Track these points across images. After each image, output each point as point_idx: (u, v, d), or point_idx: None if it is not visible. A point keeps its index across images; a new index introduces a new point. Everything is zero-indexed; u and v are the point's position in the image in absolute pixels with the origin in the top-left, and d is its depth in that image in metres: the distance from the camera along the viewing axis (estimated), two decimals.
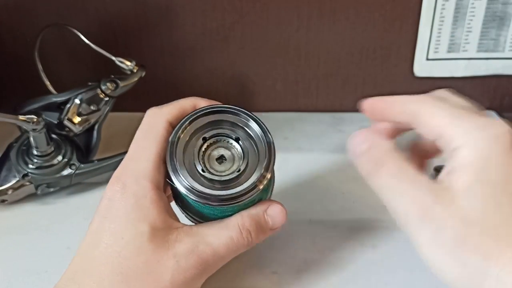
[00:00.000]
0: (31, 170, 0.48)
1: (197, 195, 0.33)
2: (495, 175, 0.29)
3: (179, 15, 0.60)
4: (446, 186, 0.30)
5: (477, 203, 0.29)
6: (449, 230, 0.29)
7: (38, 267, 0.42)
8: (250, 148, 0.36)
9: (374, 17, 0.61)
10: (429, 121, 0.32)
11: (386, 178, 0.32)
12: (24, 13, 0.59)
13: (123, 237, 0.32)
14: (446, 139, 0.31)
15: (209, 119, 0.36)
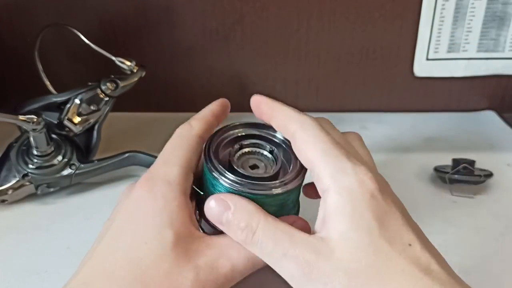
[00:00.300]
0: (31, 170, 0.48)
1: (236, 178, 0.33)
2: (367, 221, 0.29)
3: (179, 15, 0.60)
4: (323, 237, 0.29)
5: (357, 253, 0.28)
6: (336, 285, 0.28)
7: (38, 267, 0.42)
8: (282, 156, 0.36)
9: (374, 17, 0.61)
10: (302, 150, 0.32)
11: (263, 243, 0.30)
12: (24, 13, 0.59)
13: (146, 242, 0.31)
14: (316, 176, 0.31)
15: (244, 132, 0.38)
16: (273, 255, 0.30)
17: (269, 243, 0.30)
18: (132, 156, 0.51)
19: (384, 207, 0.30)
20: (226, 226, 0.32)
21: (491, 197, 0.50)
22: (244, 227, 0.31)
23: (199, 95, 0.66)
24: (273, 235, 0.30)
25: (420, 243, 0.29)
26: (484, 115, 0.66)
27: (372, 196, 0.29)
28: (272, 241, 0.30)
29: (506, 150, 0.59)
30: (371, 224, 0.29)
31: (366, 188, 0.30)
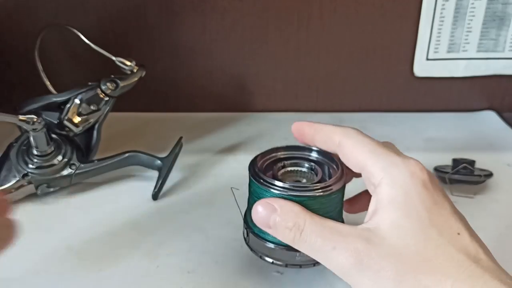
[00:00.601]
0: (31, 170, 0.48)
1: (284, 184, 0.34)
2: (419, 210, 0.30)
3: (179, 15, 0.60)
4: (374, 227, 0.30)
5: (408, 239, 0.29)
6: (387, 271, 0.29)
7: (38, 267, 0.42)
8: (321, 171, 0.38)
9: (374, 17, 0.61)
10: (351, 154, 0.34)
11: (312, 239, 0.31)
12: (24, 13, 0.59)
13: None
14: (367, 174, 0.33)
15: (284, 154, 0.39)
16: (322, 250, 0.31)
17: (317, 239, 0.31)
18: (132, 156, 0.51)
19: (435, 197, 0.31)
20: (274, 228, 0.33)
21: (491, 197, 0.50)
22: (292, 226, 0.32)
23: (199, 95, 0.66)
24: (321, 231, 0.31)
25: (468, 233, 0.30)
26: (484, 115, 0.66)
27: (424, 186, 0.31)
28: (321, 236, 0.31)
29: (506, 150, 0.59)
30: (421, 213, 0.30)
31: (418, 179, 0.31)
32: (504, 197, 0.50)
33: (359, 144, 0.34)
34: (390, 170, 0.32)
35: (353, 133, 0.35)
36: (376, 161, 0.32)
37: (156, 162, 0.50)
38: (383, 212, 0.31)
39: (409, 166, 0.32)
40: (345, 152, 0.35)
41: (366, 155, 0.33)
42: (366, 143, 0.34)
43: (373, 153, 0.33)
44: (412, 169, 0.31)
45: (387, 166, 0.32)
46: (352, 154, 0.34)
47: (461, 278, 0.28)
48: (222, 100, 0.66)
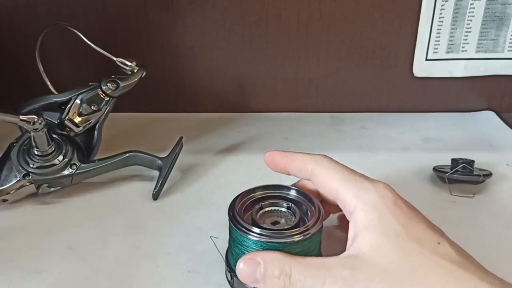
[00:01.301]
0: (32, 170, 0.48)
1: (262, 231, 0.35)
2: (395, 227, 0.31)
3: (179, 15, 0.60)
4: (356, 253, 0.31)
5: (390, 255, 0.30)
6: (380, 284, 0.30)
7: (38, 267, 0.42)
8: (299, 210, 0.39)
9: (374, 17, 0.61)
10: (325, 183, 0.36)
11: (301, 281, 0.32)
12: (25, 13, 0.59)
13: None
14: (341, 202, 0.35)
15: (262, 194, 0.40)
16: (315, 285, 0.31)
17: (307, 279, 0.32)
18: (133, 156, 0.51)
19: (408, 213, 0.32)
20: (262, 281, 0.33)
21: (490, 197, 0.50)
22: (279, 274, 0.32)
23: (199, 95, 0.66)
24: (308, 271, 0.32)
25: (448, 242, 0.32)
26: (483, 115, 0.67)
27: (395, 205, 0.33)
28: (309, 276, 0.32)
29: (505, 150, 0.59)
30: (398, 229, 0.31)
31: (388, 199, 0.33)
32: (503, 197, 0.51)
33: (331, 171, 0.36)
34: (362, 196, 0.33)
35: (325, 161, 0.37)
36: (348, 189, 0.34)
37: (157, 162, 0.51)
38: (361, 236, 0.32)
39: (379, 189, 0.33)
40: (318, 181, 0.36)
41: (339, 183, 0.35)
42: (337, 171, 0.36)
43: (345, 180, 0.35)
44: (382, 192, 0.33)
45: (358, 192, 0.34)
46: (326, 183, 0.36)
47: (449, 283, 0.29)
48: (222, 100, 0.66)
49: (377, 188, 0.34)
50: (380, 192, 0.33)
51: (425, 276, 0.29)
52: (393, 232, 0.31)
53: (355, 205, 0.33)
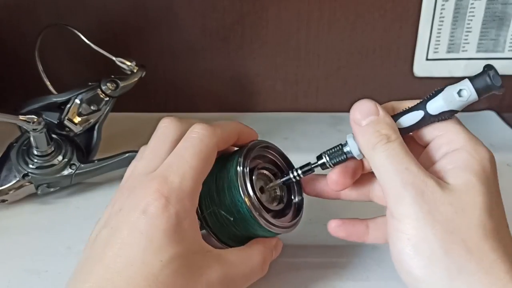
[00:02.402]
0: (31, 170, 0.48)
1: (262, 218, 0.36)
2: (491, 186, 0.33)
3: (179, 15, 0.60)
4: (446, 181, 0.32)
5: (476, 200, 0.31)
6: (442, 216, 0.31)
7: (38, 267, 0.42)
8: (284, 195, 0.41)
9: (374, 17, 0.61)
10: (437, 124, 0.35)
11: (391, 152, 0.33)
12: (24, 13, 0.59)
13: (161, 259, 0.31)
14: (442, 141, 0.35)
15: (260, 153, 0.40)
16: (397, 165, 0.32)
17: (398, 155, 0.33)
18: (132, 156, 0.51)
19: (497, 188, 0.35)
20: (365, 127, 0.34)
21: None
22: (384, 134, 0.33)
23: (199, 95, 0.66)
24: (404, 153, 0.33)
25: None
26: (483, 115, 0.66)
27: (495, 173, 0.35)
28: (401, 155, 0.33)
29: (505, 150, 0.59)
30: (493, 186, 0.34)
31: (494, 166, 0.35)
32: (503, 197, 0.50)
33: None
34: (476, 145, 0.34)
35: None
36: (462, 132, 0.35)
37: None
38: (459, 171, 0.33)
39: (490, 155, 0.35)
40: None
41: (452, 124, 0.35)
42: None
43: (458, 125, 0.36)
44: (491, 156, 0.35)
45: (473, 141, 0.35)
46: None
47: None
48: (222, 100, 0.66)
49: (489, 152, 0.35)
50: (492, 155, 0.35)
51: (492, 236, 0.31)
52: (491, 185, 0.33)
53: (465, 146, 0.34)
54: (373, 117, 0.34)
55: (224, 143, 0.37)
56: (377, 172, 0.34)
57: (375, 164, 0.34)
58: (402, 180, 0.32)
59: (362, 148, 0.35)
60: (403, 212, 0.32)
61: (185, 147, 0.34)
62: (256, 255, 0.37)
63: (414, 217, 0.31)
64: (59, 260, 0.42)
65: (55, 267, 0.41)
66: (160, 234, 0.31)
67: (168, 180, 0.32)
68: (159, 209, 0.31)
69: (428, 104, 0.35)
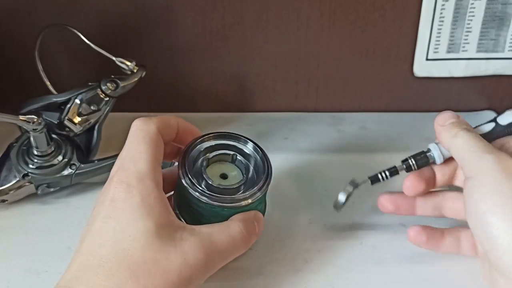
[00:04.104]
0: (31, 170, 0.48)
1: (209, 197, 0.38)
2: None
3: (179, 15, 0.60)
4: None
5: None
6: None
7: (38, 267, 0.42)
8: (249, 166, 0.42)
9: (374, 17, 0.61)
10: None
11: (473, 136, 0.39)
12: (24, 13, 0.59)
13: (130, 235, 0.33)
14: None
15: (214, 142, 0.42)
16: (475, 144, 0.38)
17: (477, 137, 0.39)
18: None
19: None
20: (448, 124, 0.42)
21: None
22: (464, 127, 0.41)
23: (199, 95, 0.66)
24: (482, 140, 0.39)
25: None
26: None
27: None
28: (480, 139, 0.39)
29: None
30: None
31: None
32: None
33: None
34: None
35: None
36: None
37: None
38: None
39: None
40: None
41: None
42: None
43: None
44: None
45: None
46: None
47: None
48: (222, 100, 0.66)
49: None
50: None
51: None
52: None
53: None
54: (455, 119, 0.42)
55: (165, 129, 0.39)
56: (458, 154, 0.39)
57: (457, 146, 0.39)
58: (483, 150, 0.37)
59: (444, 141, 0.41)
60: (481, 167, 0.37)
61: (130, 141, 0.38)
62: (233, 224, 0.38)
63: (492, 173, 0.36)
64: (59, 260, 0.42)
65: (55, 267, 0.42)
66: (127, 213, 0.34)
67: (124, 168, 0.36)
68: (123, 193, 0.34)
69: (499, 118, 0.43)
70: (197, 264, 0.34)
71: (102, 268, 0.32)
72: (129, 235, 0.33)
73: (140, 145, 0.37)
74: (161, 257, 0.33)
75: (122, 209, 0.34)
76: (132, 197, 0.34)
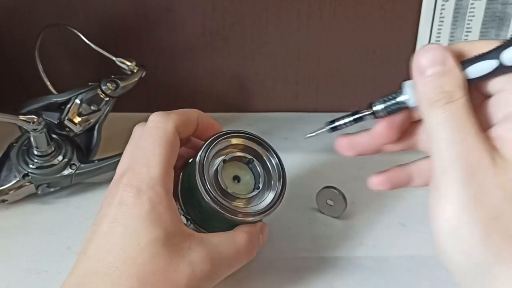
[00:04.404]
0: (31, 170, 0.48)
1: (222, 208, 0.36)
2: None
3: (179, 15, 0.60)
4: (503, 154, 0.28)
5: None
6: (489, 201, 0.27)
7: (38, 267, 0.42)
8: (263, 172, 0.40)
9: (374, 17, 0.61)
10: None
11: (449, 117, 0.28)
12: (24, 13, 0.59)
13: (139, 243, 0.32)
14: (507, 98, 0.29)
15: (229, 142, 0.40)
16: (451, 134, 0.28)
17: (456, 120, 0.28)
18: None
19: None
20: (428, 78, 0.29)
21: None
22: (447, 91, 0.28)
23: (199, 95, 0.66)
24: (465, 117, 0.28)
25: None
26: None
27: None
28: (461, 120, 0.28)
29: None
30: None
31: None
32: None
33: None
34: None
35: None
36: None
37: None
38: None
39: None
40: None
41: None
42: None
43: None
44: None
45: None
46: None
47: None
48: (222, 100, 0.66)
49: None
50: None
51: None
52: None
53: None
54: (439, 68, 0.29)
55: (184, 127, 0.38)
56: (429, 135, 0.29)
57: (430, 126, 0.29)
58: (454, 155, 0.28)
59: (420, 102, 0.30)
60: (447, 189, 0.28)
61: (145, 138, 0.36)
62: (240, 236, 0.37)
63: (458, 199, 0.27)
64: (59, 260, 0.42)
65: (55, 267, 0.42)
66: (136, 220, 0.33)
67: (136, 171, 0.34)
68: (132, 198, 0.33)
69: (504, 53, 0.29)
70: (204, 275, 0.34)
71: (109, 277, 0.31)
72: (138, 243, 0.32)
73: (155, 146, 0.35)
74: (170, 268, 0.32)
75: (131, 214, 0.33)
76: (141, 203, 0.33)
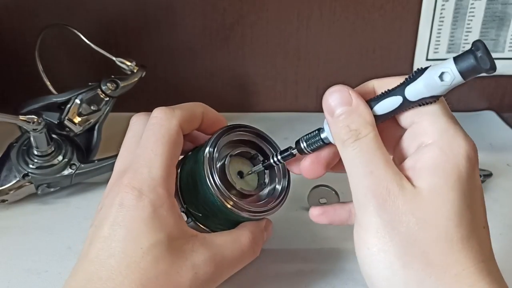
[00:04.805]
0: (31, 170, 0.48)
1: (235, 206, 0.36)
2: (464, 187, 0.29)
3: (179, 15, 0.60)
4: (413, 182, 0.29)
5: (442, 209, 0.28)
6: (403, 227, 0.28)
7: (38, 267, 0.42)
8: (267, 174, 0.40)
9: (374, 17, 0.61)
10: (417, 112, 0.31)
11: (358, 152, 0.30)
12: (24, 13, 0.59)
13: (141, 247, 0.31)
14: (417, 130, 0.31)
15: (235, 137, 0.38)
16: (363, 167, 0.30)
17: (365, 155, 0.30)
18: None
19: (475, 183, 0.30)
20: (336, 119, 0.31)
21: (491, 197, 0.50)
22: (353, 129, 0.30)
23: (199, 95, 0.66)
24: (373, 151, 0.30)
25: (488, 231, 0.30)
26: (483, 115, 0.67)
27: (473, 169, 0.29)
28: (369, 154, 0.30)
29: (505, 150, 0.59)
30: (467, 190, 0.29)
31: (470, 163, 0.29)
32: (503, 197, 0.50)
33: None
34: (450, 140, 0.30)
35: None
36: (436, 124, 0.30)
37: None
38: (426, 172, 0.29)
39: (469, 146, 0.30)
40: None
41: (429, 117, 0.31)
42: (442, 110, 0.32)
43: (437, 116, 0.31)
44: (470, 151, 0.30)
45: (449, 135, 0.30)
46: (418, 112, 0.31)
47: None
48: (222, 100, 0.66)
49: (469, 144, 0.30)
50: (471, 149, 0.30)
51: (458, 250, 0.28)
52: (463, 190, 0.29)
53: (437, 141, 0.30)
54: (345, 108, 0.32)
55: (188, 123, 0.36)
56: (347, 171, 0.31)
57: (344, 162, 0.31)
58: (365, 187, 0.29)
59: (335, 141, 0.32)
60: (364, 220, 0.30)
61: (147, 136, 0.34)
62: (244, 236, 0.37)
63: (375, 227, 0.29)
64: (59, 260, 0.42)
65: (55, 267, 0.41)
66: (138, 223, 0.32)
67: (137, 172, 0.33)
68: (133, 201, 0.32)
69: (407, 89, 0.30)
70: (207, 278, 0.33)
71: (112, 282, 0.31)
72: (141, 247, 0.31)
73: (157, 145, 0.34)
74: (173, 271, 0.32)
75: (132, 217, 0.32)
76: (143, 206, 0.32)
